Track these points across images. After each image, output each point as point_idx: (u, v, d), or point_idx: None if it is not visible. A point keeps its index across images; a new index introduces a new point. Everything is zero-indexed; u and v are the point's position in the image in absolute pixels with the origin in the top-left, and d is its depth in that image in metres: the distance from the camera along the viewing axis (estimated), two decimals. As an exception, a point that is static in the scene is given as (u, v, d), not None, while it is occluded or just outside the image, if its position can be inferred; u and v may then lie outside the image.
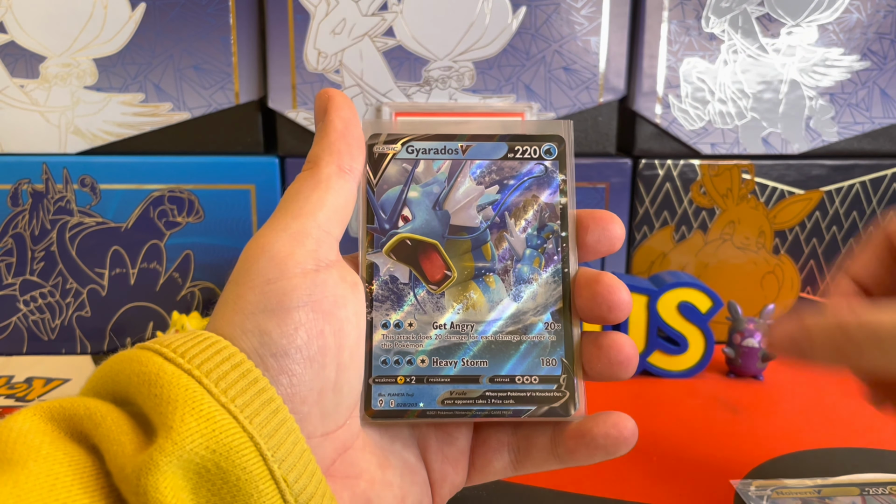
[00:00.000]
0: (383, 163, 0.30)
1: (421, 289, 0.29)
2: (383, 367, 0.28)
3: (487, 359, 0.29)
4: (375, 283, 0.29)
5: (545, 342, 0.29)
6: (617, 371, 0.29)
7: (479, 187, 0.30)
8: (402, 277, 0.29)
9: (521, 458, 0.30)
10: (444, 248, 0.29)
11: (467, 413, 0.28)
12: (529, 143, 0.30)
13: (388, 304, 0.29)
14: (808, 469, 0.44)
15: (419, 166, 0.30)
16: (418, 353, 0.28)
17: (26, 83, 0.58)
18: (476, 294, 0.29)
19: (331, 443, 0.26)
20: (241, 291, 0.25)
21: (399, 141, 0.30)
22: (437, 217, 0.29)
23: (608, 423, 0.28)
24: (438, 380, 0.28)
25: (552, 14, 0.59)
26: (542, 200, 0.30)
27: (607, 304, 0.28)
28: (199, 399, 0.22)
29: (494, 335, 0.29)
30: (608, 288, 0.28)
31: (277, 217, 0.27)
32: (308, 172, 0.28)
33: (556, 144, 0.30)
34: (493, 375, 0.28)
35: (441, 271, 0.29)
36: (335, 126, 0.28)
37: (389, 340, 0.29)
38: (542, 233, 0.29)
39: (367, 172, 0.30)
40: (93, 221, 0.60)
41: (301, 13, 0.58)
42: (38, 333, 0.62)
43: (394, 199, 0.29)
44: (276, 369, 0.24)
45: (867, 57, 0.61)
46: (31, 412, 0.22)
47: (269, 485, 0.22)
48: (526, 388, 0.28)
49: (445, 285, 0.29)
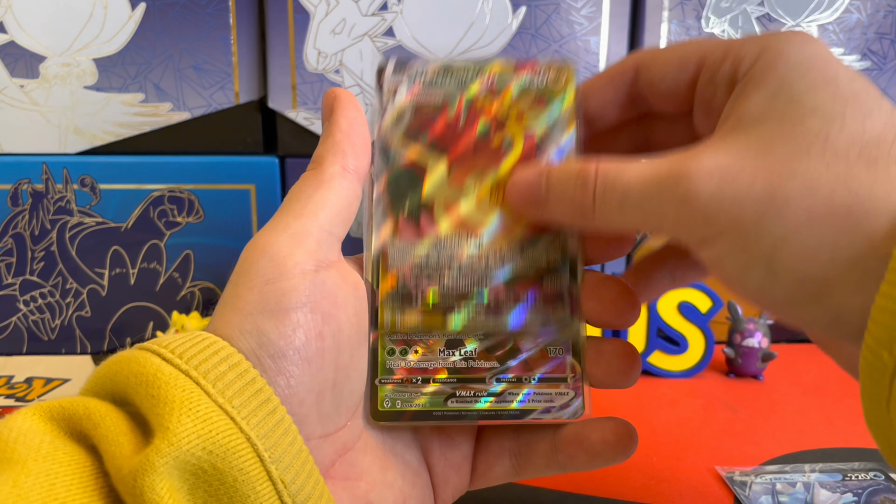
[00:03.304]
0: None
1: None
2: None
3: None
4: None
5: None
6: (618, 379, 0.28)
7: None
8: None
9: (522, 464, 0.30)
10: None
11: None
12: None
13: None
14: (808, 469, 0.44)
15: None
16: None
17: (26, 83, 0.58)
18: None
19: (330, 444, 0.26)
20: (240, 292, 0.25)
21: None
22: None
23: (607, 430, 0.28)
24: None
25: (552, 14, 0.59)
26: None
27: (615, 310, 0.28)
28: (196, 400, 0.22)
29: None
30: (617, 293, 0.28)
31: (279, 217, 0.26)
32: (312, 172, 0.28)
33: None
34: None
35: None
36: (340, 126, 0.28)
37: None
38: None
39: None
40: (93, 221, 0.60)
41: (301, 13, 0.58)
42: (38, 333, 0.62)
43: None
44: (273, 370, 0.24)
45: (867, 57, 0.61)
46: (30, 412, 0.22)
47: (266, 486, 0.22)
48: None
49: None
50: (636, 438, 0.28)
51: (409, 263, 0.29)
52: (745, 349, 0.56)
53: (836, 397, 0.54)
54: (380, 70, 0.30)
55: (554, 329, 0.29)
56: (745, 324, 0.56)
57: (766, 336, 0.56)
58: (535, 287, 0.29)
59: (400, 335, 0.28)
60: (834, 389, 0.55)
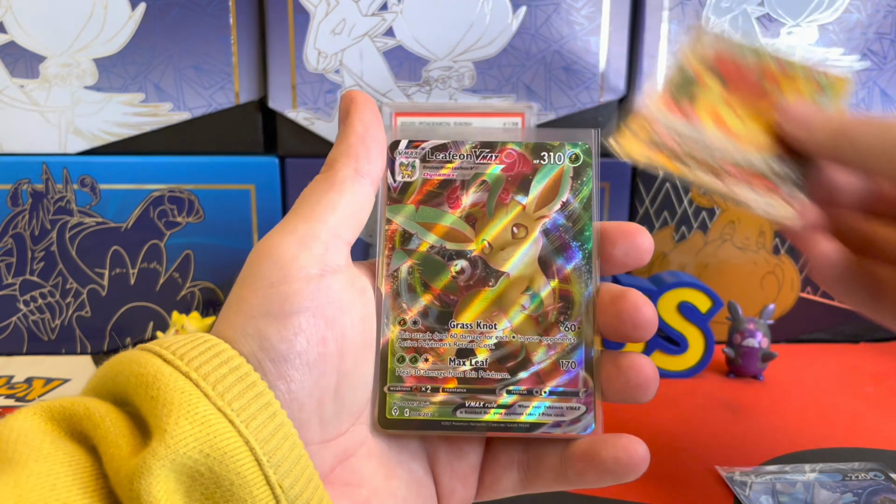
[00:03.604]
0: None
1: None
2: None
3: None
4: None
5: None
6: (635, 394, 0.28)
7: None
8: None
9: (530, 477, 0.29)
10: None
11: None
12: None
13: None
14: (808, 469, 0.44)
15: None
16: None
17: (26, 83, 0.58)
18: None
19: (330, 450, 0.25)
20: (244, 294, 0.25)
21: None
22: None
23: (618, 447, 0.27)
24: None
25: (552, 14, 0.59)
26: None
27: (633, 323, 0.27)
28: (195, 402, 0.21)
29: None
30: (634, 305, 0.27)
31: (288, 219, 0.26)
32: (323, 175, 0.27)
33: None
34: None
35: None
36: (355, 129, 0.28)
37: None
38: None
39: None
40: (93, 221, 0.60)
41: (301, 13, 0.58)
42: (38, 333, 0.62)
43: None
44: (274, 374, 0.24)
45: (867, 57, 0.61)
46: (31, 412, 0.22)
47: (263, 490, 0.22)
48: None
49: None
50: (648, 457, 0.27)
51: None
52: (745, 349, 0.56)
53: (836, 397, 0.54)
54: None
55: (567, 342, 0.28)
56: (745, 324, 0.56)
57: (766, 336, 0.56)
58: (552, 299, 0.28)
59: (409, 342, 0.28)
60: (834, 389, 0.55)
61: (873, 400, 0.54)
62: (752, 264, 0.65)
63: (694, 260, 0.65)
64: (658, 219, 0.64)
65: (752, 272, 0.65)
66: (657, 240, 0.64)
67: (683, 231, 0.64)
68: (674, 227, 0.64)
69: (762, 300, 0.65)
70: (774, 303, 0.65)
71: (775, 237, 0.64)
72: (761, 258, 0.65)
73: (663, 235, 0.64)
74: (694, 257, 0.65)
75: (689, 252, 0.65)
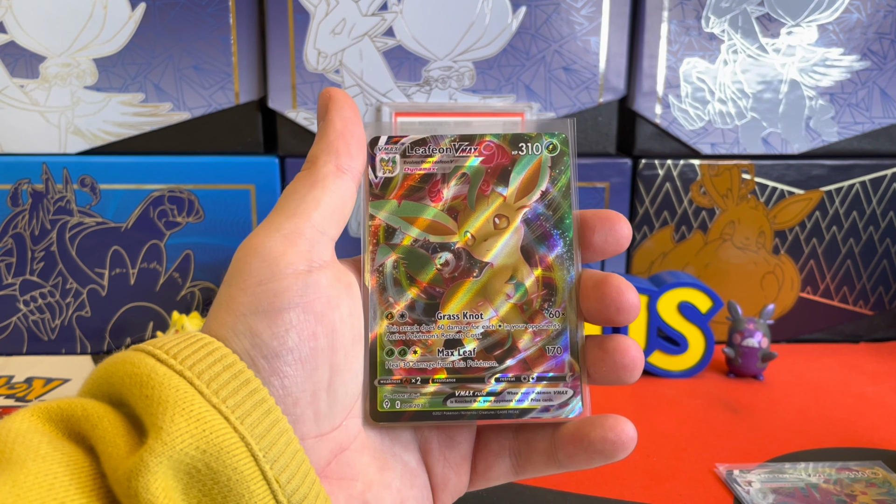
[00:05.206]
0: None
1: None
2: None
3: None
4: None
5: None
6: (622, 375, 0.28)
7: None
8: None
9: (522, 463, 0.29)
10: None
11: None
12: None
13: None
14: (807, 469, 0.44)
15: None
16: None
17: (26, 83, 0.58)
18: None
19: (325, 444, 0.26)
20: (233, 293, 0.25)
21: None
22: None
23: (606, 427, 0.28)
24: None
25: (552, 14, 0.59)
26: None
27: (616, 306, 0.28)
28: (190, 400, 0.22)
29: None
30: (617, 289, 0.28)
31: (272, 217, 0.26)
32: (305, 172, 0.27)
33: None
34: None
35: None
36: (335, 125, 0.28)
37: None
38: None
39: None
40: (93, 221, 0.60)
41: (301, 13, 0.58)
42: (38, 333, 0.62)
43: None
44: (267, 371, 0.24)
45: (867, 57, 0.61)
46: (29, 412, 0.22)
47: (260, 485, 0.22)
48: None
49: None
50: (635, 435, 0.28)
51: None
52: (745, 349, 0.56)
53: (836, 397, 0.54)
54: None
55: (552, 328, 0.29)
56: (745, 324, 0.56)
57: (766, 336, 0.56)
58: (534, 288, 0.29)
59: (397, 335, 0.28)
60: (834, 389, 0.55)
61: (873, 400, 0.54)
62: (752, 264, 0.65)
63: (694, 260, 0.65)
64: (658, 219, 0.64)
65: (752, 272, 0.65)
66: (657, 240, 0.64)
67: (683, 231, 0.64)
68: (674, 227, 0.64)
69: (762, 300, 0.65)
70: (774, 303, 0.65)
71: (775, 237, 0.64)
72: (761, 258, 0.65)
73: (663, 235, 0.64)
74: (694, 257, 0.65)
75: (689, 252, 0.64)
